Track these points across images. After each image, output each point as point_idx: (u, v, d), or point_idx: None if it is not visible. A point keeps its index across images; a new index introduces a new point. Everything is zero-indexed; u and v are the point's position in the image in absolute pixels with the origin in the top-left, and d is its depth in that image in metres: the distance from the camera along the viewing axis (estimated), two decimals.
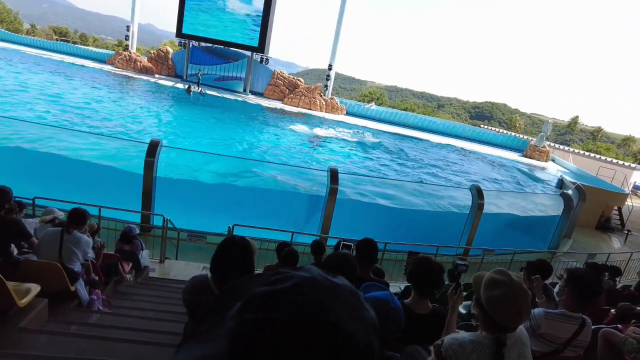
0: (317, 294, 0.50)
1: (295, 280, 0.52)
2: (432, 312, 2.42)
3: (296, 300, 0.49)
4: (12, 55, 36.77)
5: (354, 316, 0.50)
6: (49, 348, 3.06)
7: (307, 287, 0.50)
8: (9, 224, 3.88)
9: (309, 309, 0.48)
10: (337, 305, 0.49)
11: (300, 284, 0.51)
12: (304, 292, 0.50)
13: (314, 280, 0.52)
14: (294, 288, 0.51)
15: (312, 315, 0.47)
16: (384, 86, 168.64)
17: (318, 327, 0.46)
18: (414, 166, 23.72)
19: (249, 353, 0.46)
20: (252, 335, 0.46)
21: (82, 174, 11.03)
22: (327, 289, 0.51)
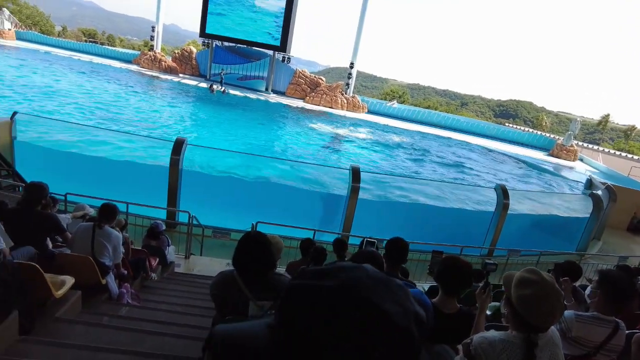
0: (365, 278, 0.54)
1: (347, 266, 0.55)
2: (459, 312, 2.39)
3: (343, 280, 0.53)
4: (45, 56, 38.06)
5: (396, 302, 0.53)
6: (83, 338, 3.18)
7: (358, 271, 0.54)
8: (45, 219, 4.04)
9: (354, 288, 0.52)
10: (381, 290, 0.53)
11: (352, 268, 0.54)
12: (352, 275, 0.53)
13: (365, 268, 0.56)
14: (345, 269, 0.54)
15: (356, 293, 0.51)
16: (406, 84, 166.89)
17: (359, 303, 0.50)
18: (436, 165, 23.43)
19: (295, 318, 0.50)
20: (298, 302, 0.51)
21: (111, 171, 11.34)
22: (377, 277, 0.54)
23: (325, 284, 0.53)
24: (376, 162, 21.55)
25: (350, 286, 0.52)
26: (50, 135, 13.25)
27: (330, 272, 0.55)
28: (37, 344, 2.85)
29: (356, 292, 0.51)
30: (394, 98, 62.21)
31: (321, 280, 0.54)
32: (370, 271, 0.56)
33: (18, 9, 65.21)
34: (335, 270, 0.55)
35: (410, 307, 0.54)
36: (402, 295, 0.55)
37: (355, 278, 0.54)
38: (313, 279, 0.54)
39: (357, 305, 0.50)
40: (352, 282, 0.53)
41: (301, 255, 5.12)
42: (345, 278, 0.53)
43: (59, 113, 18.23)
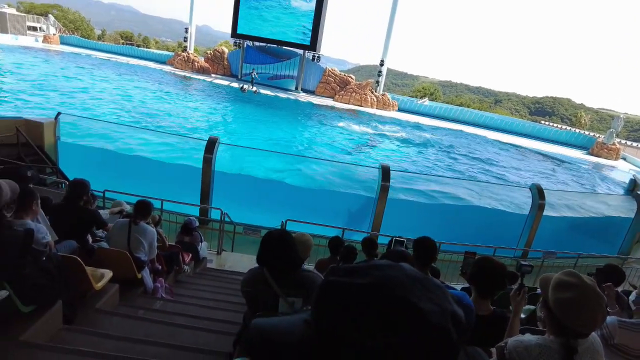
0: (401, 277, 0.54)
1: (382, 264, 0.55)
2: (492, 314, 2.34)
3: (377, 277, 0.53)
4: (86, 59, 39.74)
5: (433, 301, 0.52)
6: (121, 329, 3.31)
7: (393, 269, 0.53)
8: (87, 214, 4.23)
9: (387, 287, 0.52)
10: (417, 289, 0.52)
11: (388, 266, 0.54)
12: (387, 273, 0.54)
13: (402, 267, 0.56)
14: (379, 267, 0.55)
15: (389, 291, 0.51)
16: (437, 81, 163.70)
17: (394, 301, 0.50)
18: (469, 164, 22.90)
19: (328, 315, 0.51)
20: (332, 299, 0.52)
21: (147, 169, 11.72)
22: (414, 275, 0.54)
23: (358, 282, 0.53)
24: (407, 160, 21.29)
25: (383, 284, 0.52)
26: (90, 135, 13.84)
27: (364, 270, 0.55)
28: (79, 333, 2.98)
29: (390, 290, 0.51)
30: (425, 95, 61.24)
31: (354, 277, 0.54)
32: (407, 270, 0.56)
33: (62, 14, 68.46)
34: (369, 268, 0.55)
35: (448, 306, 0.53)
36: (440, 294, 0.54)
37: (390, 276, 0.53)
38: (346, 276, 0.55)
39: (391, 304, 0.50)
40: (386, 280, 0.53)
41: (330, 253, 5.12)
42: (379, 276, 0.53)
43: (99, 113, 19.00)
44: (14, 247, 2.43)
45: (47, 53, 39.99)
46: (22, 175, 3.63)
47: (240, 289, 2.44)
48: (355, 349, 0.48)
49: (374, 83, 39.59)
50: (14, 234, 2.44)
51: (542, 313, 1.73)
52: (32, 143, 10.35)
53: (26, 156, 10.19)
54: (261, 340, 0.56)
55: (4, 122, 10.58)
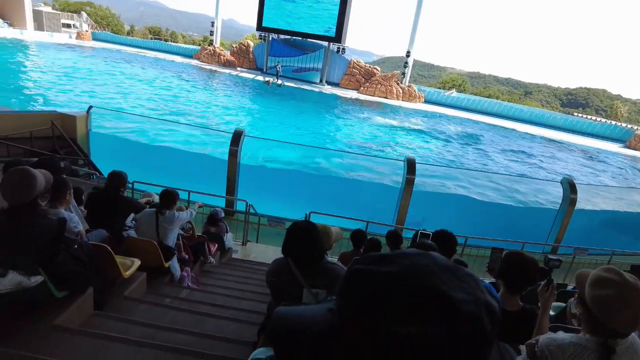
0: (431, 264, 0.52)
1: (411, 252, 0.53)
2: (521, 310, 2.27)
3: (406, 266, 0.51)
4: (116, 54, 40.79)
5: (464, 289, 0.50)
6: (148, 316, 3.39)
7: (422, 257, 0.51)
8: (125, 203, 4.38)
9: (415, 275, 0.50)
10: (447, 277, 0.50)
11: (416, 254, 0.52)
12: (415, 262, 0.52)
13: (431, 255, 0.54)
14: (408, 255, 0.53)
15: (417, 280, 0.49)
16: (465, 72, 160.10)
17: (422, 289, 0.48)
18: (497, 157, 22.35)
19: (354, 304, 0.49)
20: (358, 287, 0.50)
21: (174, 161, 11.97)
22: (445, 264, 0.52)
23: (385, 270, 0.51)
24: (432, 153, 20.97)
25: (411, 272, 0.50)
26: (120, 127, 14.22)
27: (392, 258, 0.53)
28: (108, 319, 3.07)
29: (418, 279, 0.49)
30: (452, 87, 60.03)
31: (381, 266, 0.52)
32: (437, 258, 0.54)
33: (94, 11, 70.44)
34: (396, 256, 0.53)
35: (481, 296, 0.50)
36: (472, 283, 0.52)
37: (419, 264, 0.51)
38: (373, 264, 0.53)
39: (419, 292, 0.48)
40: (414, 268, 0.51)
41: (352, 246, 5.10)
42: (407, 264, 0.51)
43: (128, 106, 19.50)
44: (48, 235, 2.51)
45: (80, 49, 41.28)
46: (56, 166, 3.76)
47: (264, 280, 2.46)
48: (382, 338, 0.46)
49: (399, 75, 39.06)
50: (48, 222, 2.53)
51: (577, 310, 1.66)
52: (65, 136, 10.73)
53: (60, 148, 10.58)
54: (284, 329, 0.54)
55: (41, 116, 11.00)
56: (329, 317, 0.53)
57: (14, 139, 9.40)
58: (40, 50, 35.48)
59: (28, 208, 2.44)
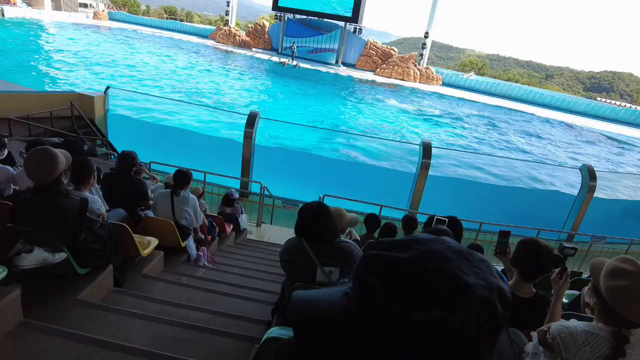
0: (445, 249, 0.53)
1: (425, 237, 0.55)
2: (535, 297, 2.27)
3: (420, 251, 0.52)
4: (132, 34, 40.87)
5: (477, 274, 0.51)
6: (165, 293, 3.49)
7: (436, 243, 0.53)
8: (136, 185, 4.44)
9: (430, 260, 0.51)
10: (461, 262, 0.51)
11: (430, 240, 0.53)
12: (430, 247, 0.53)
13: (445, 240, 0.55)
14: (421, 241, 0.54)
15: (431, 265, 0.50)
16: (484, 55, 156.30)
17: (436, 274, 0.49)
18: (515, 142, 21.95)
19: (369, 289, 0.50)
20: (373, 273, 0.52)
21: (190, 142, 12.07)
22: (458, 249, 0.54)
23: (400, 255, 0.52)
24: (449, 137, 20.69)
25: (426, 257, 0.51)
26: (137, 108, 14.36)
27: (406, 244, 0.54)
28: (127, 295, 3.18)
29: (433, 264, 0.50)
30: (472, 69, 58.76)
31: (396, 251, 0.53)
32: (450, 243, 0.55)
33: None
34: (411, 241, 0.54)
35: (493, 280, 0.52)
36: (485, 268, 0.53)
37: (433, 250, 0.53)
38: (387, 250, 0.54)
39: (434, 277, 0.49)
40: (428, 253, 0.52)
41: (365, 230, 5.12)
42: (422, 250, 0.52)
43: (144, 87, 19.63)
44: (71, 213, 2.59)
45: (96, 29, 41.45)
46: (80, 148, 3.86)
47: (278, 260, 2.50)
48: (397, 323, 0.47)
49: (417, 56, 38.36)
50: (72, 201, 2.61)
51: (591, 299, 1.65)
52: (84, 116, 10.90)
53: (79, 128, 10.76)
54: (303, 314, 0.56)
55: (60, 96, 11.16)
56: (345, 301, 0.55)
57: (35, 119, 9.58)
58: (58, 30, 35.76)
59: (51, 187, 2.52)
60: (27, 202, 2.58)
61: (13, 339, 2.14)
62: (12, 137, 8.10)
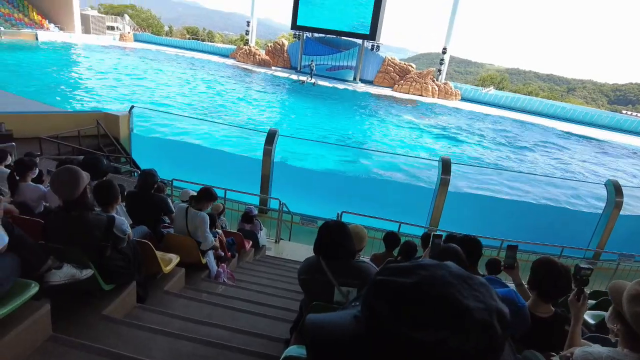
0: (447, 275, 0.57)
1: (428, 263, 0.59)
2: (554, 316, 2.22)
3: (423, 277, 0.56)
4: (156, 54, 42.22)
5: (477, 298, 0.54)
6: (186, 310, 3.54)
7: (439, 268, 0.58)
8: (158, 201, 4.55)
9: (433, 286, 0.55)
10: (462, 287, 0.55)
11: (433, 265, 0.57)
12: (432, 273, 0.57)
13: (448, 266, 0.59)
14: (425, 267, 0.58)
15: (434, 290, 0.54)
16: (504, 69, 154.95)
17: (438, 300, 0.53)
18: (536, 157, 21.56)
19: (376, 314, 0.54)
20: (379, 298, 0.56)
21: (212, 160, 12.29)
22: (459, 274, 0.58)
23: (405, 281, 0.56)
24: (469, 153, 20.48)
25: (429, 283, 0.55)
26: (160, 126, 14.75)
27: (410, 269, 0.58)
28: (150, 311, 3.24)
29: (435, 290, 0.54)
30: (491, 84, 58.33)
31: (400, 277, 0.57)
32: (452, 268, 0.58)
33: (136, 13, 73.21)
34: (416, 267, 0.58)
35: (492, 303, 0.55)
36: (484, 292, 0.56)
37: (435, 275, 0.56)
38: (393, 275, 0.58)
39: (436, 301, 0.53)
40: (431, 279, 0.56)
41: (385, 248, 5.10)
42: (425, 275, 0.56)
43: (167, 106, 20.17)
44: (98, 230, 2.70)
45: (122, 50, 42.99)
46: (98, 165, 4.01)
47: (297, 278, 2.53)
48: (403, 344, 0.51)
49: (435, 72, 38.36)
50: (99, 217, 2.72)
51: (615, 325, 1.61)
52: (109, 134, 11.26)
53: (104, 146, 11.11)
54: (315, 337, 0.60)
55: (87, 116, 11.59)
56: (355, 325, 0.59)
57: (63, 138, 9.96)
58: (87, 52, 37.25)
59: (78, 202, 2.63)
60: (57, 219, 2.70)
61: (43, 353, 2.22)
62: (43, 156, 8.42)
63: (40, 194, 4.01)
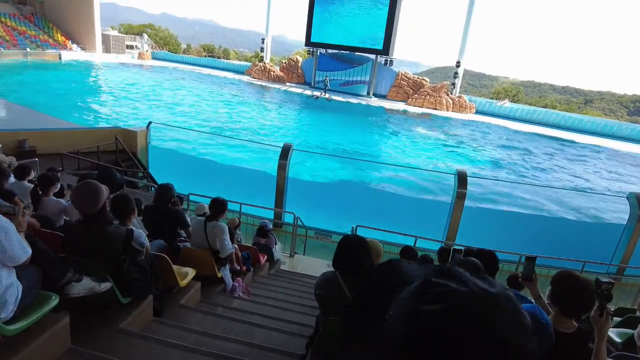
0: (474, 304, 0.52)
1: (453, 289, 0.53)
2: (577, 332, 2.14)
3: (457, 311, 0.51)
4: (173, 72, 43.20)
5: (512, 321, 0.51)
6: (202, 324, 3.54)
7: (467, 297, 0.52)
8: (175, 215, 4.60)
9: (469, 320, 0.50)
10: (493, 313, 0.51)
11: (460, 293, 0.53)
12: (463, 300, 0.52)
13: (472, 292, 0.53)
14: (455, 294, 0.52)
15: (471, 325, 0.49)
16: (518, 81, 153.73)
17: (476, 335, 0.48)
18: (554, 170, 21.19)
19: (409, 350, 0.50)
20: (411, 335, 0.51)
21: (226, 174, 12.43)
22: (484, 298, 0.52)
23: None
24: (485, 166, 20.25)
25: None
26: (177, 141, 14.99)
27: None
28: (166, 325, 3.25)
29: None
30: (506, 97, 57.95)
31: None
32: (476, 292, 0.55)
33: (154, 32, 75.30)
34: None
35: (524, 321, 0.52)
36: (512, 309, 0.53)
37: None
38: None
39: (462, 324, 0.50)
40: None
41: None
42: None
43: (184, 122, 20.53)
44: (117, 243, 2.74)
45: (140, 68, 44.13)
46: (112, 179, 4.08)
47: (312, 292, 2.51)
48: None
49: (449, 85, 38.28)
50: (118, 230, 2.77)
51: None
52: (127, 149, 11.48)
53: (122, 161, 11.33)
54: None
55: (106, 132, 11.86)
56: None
57: (83, 153, 10.20)
58: (107, 70, 38.36)
59: (97, 217, 2.68)
60: (77, 232, 2.75)
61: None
62: (64, 171, 8.61)
63: (61, 208, 4.10)
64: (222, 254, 4.59)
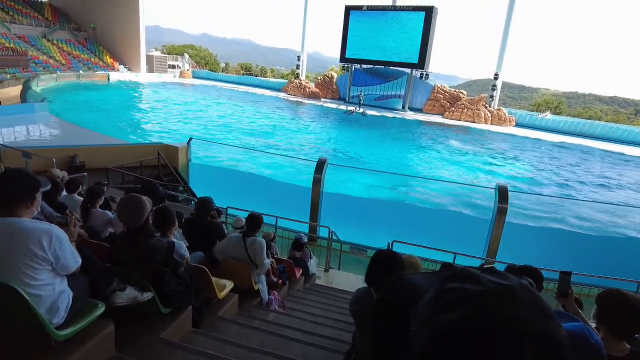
0: (495, 300, 0.51)
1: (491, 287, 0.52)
2: (630, 355, 1.98)
3: (494, 311, 0.50)
4: (212, 90, 44.77)
5: (534, 310, 0.50)
6: (239, 337, 3.56)
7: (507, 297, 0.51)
8: (214, 227, 4.71)
9: (493, 317, 0.49)
10: (516, 305, 0.50)
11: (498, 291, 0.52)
12: (501, 301, 0.51)
13: (489, 289, 0.52)
14: (488, 295, 0.52)
15: (497, 323, 0.48)
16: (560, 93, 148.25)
17: (505, 331, 0.47)
18: (602, 184, 20.10)
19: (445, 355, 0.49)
20: (448, 340, 0.49)
21: (263, 188, 12.62)
22: (502, 293, 0.52)
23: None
24: (526, 180, 19.50)
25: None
26: (216, 156, 15.43)
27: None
28: (204, 336, 3.29)
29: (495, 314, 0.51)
30: (547, 109, 55.99)
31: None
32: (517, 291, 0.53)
33: (195, 52, 78.73)
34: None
35: (552, 327, 0.50)
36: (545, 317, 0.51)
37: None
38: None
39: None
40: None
41: None
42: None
43: (223, 137, 21.13)
44: (159, 255, 2.82)
45: (181, 86, 46.04)
46: (154, 192, 4.23)
47: (347, 308, 2.48)
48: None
49: (487, 98, 37.43)
50: (160, 242, 2.85)
51: None
52: (169, 164, 11.92)
53: (164, 176, 11.75)
54: None
55: (149, 147, 12.38)
56: None
57: (127, 168, 10.67)
58: (150, 89, 40.32)
59: (142, 230, 2.78)
60: (122, 244, 2.86)
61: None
62: (109, 185, 9.03)
63: (107, 220, 4.28)
64: (260, 270, 4.63)
